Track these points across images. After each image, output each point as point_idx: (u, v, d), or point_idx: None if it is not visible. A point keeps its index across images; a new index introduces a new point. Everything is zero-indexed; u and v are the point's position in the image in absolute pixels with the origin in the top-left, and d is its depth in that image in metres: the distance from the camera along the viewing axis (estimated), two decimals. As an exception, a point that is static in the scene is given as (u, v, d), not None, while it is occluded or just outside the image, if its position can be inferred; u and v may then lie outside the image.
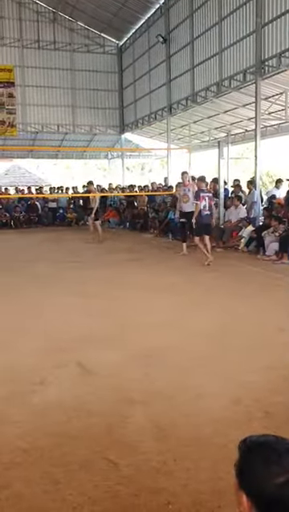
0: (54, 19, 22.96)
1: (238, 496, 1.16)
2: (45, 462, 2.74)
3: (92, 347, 4.72)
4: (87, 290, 7.54)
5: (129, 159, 30.01)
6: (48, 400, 3.54)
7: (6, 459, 2.78)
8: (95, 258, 10.90)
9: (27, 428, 3.13)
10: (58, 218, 21.34)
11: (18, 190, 22.33)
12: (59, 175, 36.92)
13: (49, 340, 4.98)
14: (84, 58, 23.64)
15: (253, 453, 1.17)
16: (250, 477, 1.14)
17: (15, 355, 4.57)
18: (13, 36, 22.40)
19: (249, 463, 1.16)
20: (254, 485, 1.13)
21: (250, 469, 1.15)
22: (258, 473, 1.13)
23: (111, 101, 24.54)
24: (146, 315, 5.94)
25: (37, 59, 22.91)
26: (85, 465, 2.70)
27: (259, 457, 1.15)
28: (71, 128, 24.22)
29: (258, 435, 1.22)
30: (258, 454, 1.16)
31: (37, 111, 23.32)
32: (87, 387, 3.77)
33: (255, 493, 1.12)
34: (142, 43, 21.50)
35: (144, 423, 3.16)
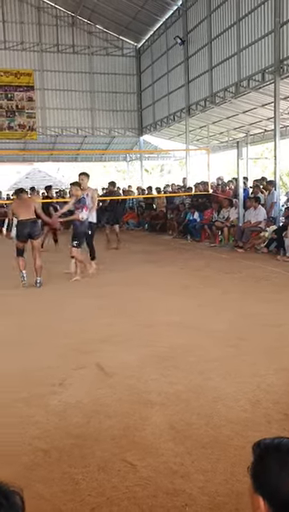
0: (73, 23, 23.16)
1: (253, 499, 1.16)
2: (64, 463, 2.78)
3: (110, 349, 4.76)
4: (105, 291, 7.58)
5: (148, 161, 30.08)
6: (67, 402, 3.58)
7: (27, 459, 2.82)
8: (113, 260, 10.96)
9: (47, 429, 3.18)
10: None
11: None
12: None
13: (68, 341, 5.03)
14: (103, 61, 23.79)
15: (267, 456, 1.17)
16: (265, 481, 1.14)
17: (35, 356, 4.63)
18: (32, 40, 22.68)
19: (264, 466, 1.16)
20: (270, 489, 1.13)
21: (265, 473, 1.15)
22: (274, 476, 1.13)
23: (130, 103, 24.64)
24: (163, 316, 5.96)
25: (56, 63, 23.14)
26: (104, 467, 2.72)
27: (274, 460, 1.15)
28: (90, 131, 24.38)
29: (271, 438, 1.22)
30: (273, 457, 1.16)
31: (56, 114, 23.54)
32: (106, 388, 3.80)
33: (271, 497, 1.12)
34: (160, 45, 21.54)
35: (162, 424, 3.18)
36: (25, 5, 22.43)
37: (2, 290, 7.82)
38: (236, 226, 12.59)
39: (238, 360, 4.35)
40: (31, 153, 25.35)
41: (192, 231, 14.57)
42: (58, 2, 22.63)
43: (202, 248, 12.83)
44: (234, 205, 13.21)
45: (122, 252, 12.34)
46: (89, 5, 21.82)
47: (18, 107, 22.55)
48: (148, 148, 26.27)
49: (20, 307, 6.72)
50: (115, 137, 25.64)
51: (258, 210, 12.24)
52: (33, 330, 5.56)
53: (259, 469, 1.17)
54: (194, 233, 14.47)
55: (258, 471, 1.17)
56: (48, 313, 6.37)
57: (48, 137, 24.18)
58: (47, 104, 23.27)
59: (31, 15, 22.57)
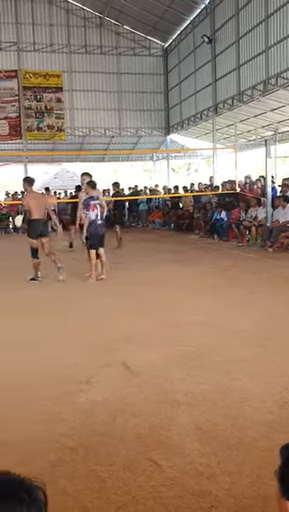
0: (101, 24, 23.30)
1: (281, 503, 1.14)
2: (90, 461, 2.79)
3: (136, 347, 4.77)
4: (130, 290, 7.60)
5: (175, 160, 30.03)
6: (94, 400, 3.60)
7: (54, 456, 2.85)
8: (138, 259, 10.98)
9: (74, 427, 3.20)
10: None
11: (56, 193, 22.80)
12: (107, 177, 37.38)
13: (94, 340, 5.07)
14: (130, 61, 23.86)
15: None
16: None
17: (62, 354, 4.68)
18: (61, 42, 22.92)
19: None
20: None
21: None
22: None
23: (157, 103, 24.64)
24: (189, 316, 5.94)
25: (84, 64, 23.33)
26: (129, 465, 2.73)
27: None
28: (118, 131, 24.50)
29: None
30: None
31: (84, 115, 23.74)
32: (132, 387, 3.81)
33: None
34: (187, 44, 21.47)
35: (188, 425, 3.16)
36: (54, 7, 22.69)
37: (26, 290, 7.93)
38: (264, 226, 12.44)
39: (265, 361, 4.30)
40: (60, 154, 25.64)
41: (219, 230, 14.47)
42: (86, 4, 22.81)
43: (229, 247, 12.73)
44: (261, 204, 13.06)
45: (148, 251, 12.35)
46: (116, 5, 21.92)
47: (46, 108, 22.83)
48: (174, 147, 26.21)
49: (46, 307, 6.80)
50: (142, 137, 25.69)
51: (286, 209, 12.07)
52: (59, 329, 5.62)
53: (287, 473, 1.14)
54: (221, 232, 14.37)
55: (286, 474, 1.14)
56: (74, 311, 6.43)
57: (76, 138, 24.42)
58: (75, 105, 23.48)
59: (60, 17, 22.82)
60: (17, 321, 5.96)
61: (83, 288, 7.89)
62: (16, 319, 6.03)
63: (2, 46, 22.27)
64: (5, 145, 23.82)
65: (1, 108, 22.30)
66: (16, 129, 22.58)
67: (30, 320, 6.00)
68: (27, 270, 8.69)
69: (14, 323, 5.89)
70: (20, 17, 22.28)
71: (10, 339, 5.20)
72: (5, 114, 22.37)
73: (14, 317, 6.16)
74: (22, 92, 22.41)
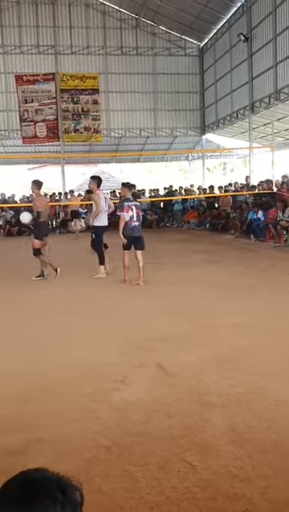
0: (137, 25, 23.40)
1: None
2: (125, 460, 2.81)
3: (171, 348, 4.77)
4: (166, 290, 7.60)
5: (210, 159, 29.84)
6: (129, 399, 3.63)
7: (89, 455, 2.89)
8: (174, 259, 10.95)
9: (108, 426, 3.23)
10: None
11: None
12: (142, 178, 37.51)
13: (129, 339, 5.10)
14: (166, 62, 23.85)
15: None
16: None
17: (98, 352, 4.73)
18: (97, 44, 23.15)
19: None
20: None
21: None
22: None
23: (193, 103, 24.55)
24: (225, 317, 5.89)
25: (120, 65, 23.49)
26: (163, 466, 2.74)
27: None
28: (153, 131, 24.55)
29: None
30: None
31: (120, 116, 23.90)
32: (166, 388, 3.82)
33: None
34: (223, 43, 21.30)
35: (223, 427, 3.14)
36: (91, 10, 22.95)
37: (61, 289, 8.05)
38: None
39: (302, 364, 4.22)
40: (96, 155, 25.90)
41: (255, 230, 14.28)
42: (122, 6, 22.96)
43: (266, 248, 12.54)
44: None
45: (183, 251, 12.31)
46: (152, 6, 21.96)
47: (83, 110, 23.12)
48: (210, 146, 26.05)
49: (83, 306, 6.88)
50: (177, 137, 25.66)
51: None
52: (96, 327, 5.68)
53: None
54: (258, 232, 14.17)
55: None
56: (110, 311, 6.48)
57: (112, 139, 24.61)
58: (111, 106, 23.67)
59: (97, 20, 23.05)
60: (56, 320, 6.06)
61: (120, 288, 7.94)
62: (55, 318, 6.14)
63: (40, 49, 22.70)
64: (43, 147, 24.27)
65: (39, 111, 22.72)
66: (53, 131, 22.95)
67: (68, 319, 6.09)
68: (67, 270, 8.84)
69: (53, 321, 5.99)
70: (57, 20, 22.65)
71: (49, 337, 5.31)
72: (43, 116, 22.78)
73: (53, 316, 6.27)
74: (60, 95, 22.76)
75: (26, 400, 3.66)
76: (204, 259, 10.81)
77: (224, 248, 12.96)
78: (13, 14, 22.32)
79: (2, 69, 22.53)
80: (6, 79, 22.55)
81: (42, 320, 6.10)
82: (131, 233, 8.27)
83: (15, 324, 5.95)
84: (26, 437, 3.08)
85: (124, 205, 8.22)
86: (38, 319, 6.16)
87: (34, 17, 22.52)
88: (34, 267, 9.19)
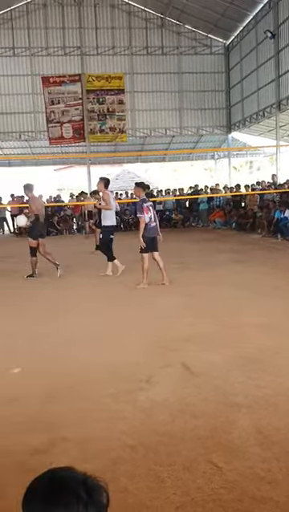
0: (162, 25, 23.38)
1: None
2: (150, 460, 2.81)
3: (197, 348, 4.74)
4: (191, 290, 7.57)
5: (236, 158, 29.59)
6: (154, 399, 3.62)
7: (115, 454, 2.89)
8: (199, 259, 10.89)
9: (134, 425, 3.24)
10: (164, 220, 21.66)
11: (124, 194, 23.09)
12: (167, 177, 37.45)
13: (153, 339, 5.10)
14: (191, 61, 23.76)
15: None
16: None
17: (123, 352, 4.74)
18: (123, 45, 23.23)
19: None
20: None
21: None
22: None
23: (218, 101, 24.39)
24: (251, 317, 5.83)
25: (145, 65, 23.51)
26: (189, 466, 2.72)
27: None
28: (178, 131, 24.49)
29: None
30: None
31: (145, 116, 23.93)
32: (192, 388, 3.80)
33: None
34: (249, 41, 21.09)
35: (249, 428, 3.11)
36: (116, 10, 23.04)
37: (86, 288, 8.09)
38: None
39: None
40: (121, 155, 26.00)
41: (282, 230, 14.08)
42: (147, 5, 22.97)
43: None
44: None
45: (209, 251, 12.24)
46: (178, 5, 21.91)
47: (109, 111, 23.23)
48: (236, 145, 25.84)
49: (108, 305, 6.91)
50: (203, 136, 25.53)
51: None
52: (121, 327, 5.70)
53: None
54: (285, 231, 13.98)
55: None
56: (135, 310, 6.49)
57: (137, 139, 24.66)
58: (137, 106, 23.72)
59: (122, 20, 23.13)
60: (80, 319, 6.11)
61: (143, 288, 7.94)
62: (79, 317, 6.19)
63: (66, 51, 22.91)
64: (69, 148, 24.50)
65: (65, 112, 22.94)
66: (79, 132, 23.13)
67: (92, 318, 6.13)
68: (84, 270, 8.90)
69: (77, 320, 6.04)
70: (83, 22, 22.82)
71: (74, 337, 5.35)
72: (69, 117, 22.99)
73: (77, 315, 6.32)
74: (86, 96, 22.92)
75: (51, 399, 3.69)
76: (230, 259, 10.72)
77: (250, 248, 12.83)
78: (39, 16, 22.60)
79: (29, 71, 22.83)
80: (33, 81, 22.84)
81: (66, 319, 6.15)
82: (151, 234, 8.11)
83: (39, 323, 6.02)
84: (51, 437, 3.11)
85: (143, 207, 7.96)
86: (61, 318, 6.21)
87: (60, 19, 22.74)
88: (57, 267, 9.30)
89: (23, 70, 22.86)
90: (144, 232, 7.94)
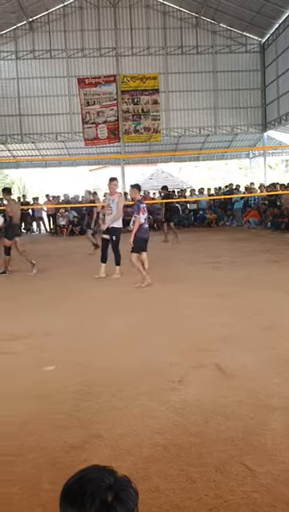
0: (197, 24, 23.27)
1: None
2: (182, 460, 2.80)
3: (230, 349, 4.70)
4: (225, 290, 7.50)
5: (272, 157, 29.16)
6: (186, 399, 3.61)
7: (147, 453, 2.90)
8: (234, 259, 10.78)
9: (166, 425, 3.24)
10: (197, 219, 21.58)
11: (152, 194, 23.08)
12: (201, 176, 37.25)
13: (189, 339, 5.08)
14: (226, 59, 23.57)
15: None
16: None
17: (156, 351, 4.75)
18: (158, 45, 23.25)
19: None
20: None
21: None
22: None
23: (253, 100, 24.09)
24: (285, 318, 5.73)
25: (180, 65, 23.46)
26: (221, 468, 2.70)
27: None
28: (213, 130, 24.32)
29: None
30: None
31: (180, 115, 23.88)
32: (225, 389, 3.77)
33: None
34: (285, 38, 20.72)
35: (284, 431, 3.06)
36: (151, 11, 23.09)
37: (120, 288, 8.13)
38: None
39: None
40: (155, 155, 26.04)
41: None
42: (182, 5, 22.91)
43: None
44: None
45: (243, 251, 12.10)
46: (213, 4, 21.75)
47: (143, 111, 23.29)
48: (271, 143, 25.46)
49: (141, 305, 6.93)
50: (237, 134, 25.27)
51: None
52: (156, 326, 5.71)
53: None
54: None
55: None
56: (168, 310, 6.48)
57: (171, 138, 24.64)
58: (171, 106, 23.70)
59: (157, 20, 23.16)
60: (114, 317, 6.15)
61: (175, 288, 7.93)
62: (114, 316, 6.23)
63: (101, 52, 23.11)
64: (103, 148, 24.70)
65: (100, 113, 23.15)
66: (114, 132, 23.29)
67: (126, 317, 6.16)
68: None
69: (112, 319, 6.08)
70: (119, 23, 22.96)
71: (109, 334, 5.41)
72: (104, 118, 23.19)
73: (112, 314, 6.37)
74: (120, 96, 23.06)
75: (85, 397, 3.73)
76: (265, 259, 10.57)
77: (286, 247, 12.61)
78: (76, 19, 22.88)
79: (65, 73, 23.16)
80: (69, 83, 23.16)
81: (102, 318, 6.21)
82: (145, 235, 8.25)
83: (77, 321, 6.09)
84: (85, 433, 3.15)
85: (140, 207, 8.12)
86: (94, 317, 6.27)
87: (95, 20, 22.96)
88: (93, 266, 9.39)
89: (60, 72, 23.21)
90: (138, 232, 8.09)
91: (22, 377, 4.23)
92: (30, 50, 22.95)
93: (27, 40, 22.95)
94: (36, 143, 24.58)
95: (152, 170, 29.83)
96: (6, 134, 23.53)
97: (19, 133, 23.59)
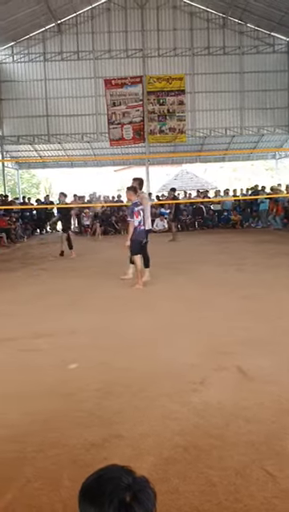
0: (224, 24, 23.13)
1: None
2: (202, 463, 2.80)
3: (253, 352, 4.66)
4: (250, 293, 7.43)
5: (299, 158, 28.76)
6: (207, 401, 3.60)
7: (167, 454, 2.91)
8: (260, 261, 10.67)
9: (186, 427, 3.24)
10: (222, 220, 21.45)
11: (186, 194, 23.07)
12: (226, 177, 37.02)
13: (210, 341, 5.06)
14: (253, 60, 23.36)
15: None
16: None
17: (177, 352, 4.75)
18: (184, 46, 23.20)
19: None
20: None
21: None
22: None
23: (280, 100, 23.79)
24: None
25: (206, 66, 23.36)
26: (241, 472, 2.69)
27: None
28: (239, 131, 24.14)
29: None
30: None
31: (205, 116, 23.79)
32: (246, 392, 3.74)
33: None
34: (315, 37, 20.41)
35: (306, 437, 3.02)
36: (178, 12, 23.05)
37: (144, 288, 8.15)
38: None
39: None
40: (180, 155, 25.99)
41: None
42: (209, 6, 22.81)
43: None
44: None
45: (268, 253, 11.97)
46: (241, 4, 21.58)
47: (169, 111, 23.28)
48: (299, 145, 25.12)
49: (162, 305, 6.93)
50: (264, 135, 25.02)
51: None
52: (177, 328, 5.70)
53: None
54: None
55: None
56: (190, 311, 6.47)
57: (196, 139, 24.55)
58: (197, 107, 23.63)
59: (184, 21, 23.10)
60: (136, 318, 6.17)
61: (203, 290, 7.90)
62: (135, 316, 6.26)
63: (128, 53, 23.19)
64: (128, 149, 24.78)
65: (126, 113, 23.23)
66: (139, 133, 23.35)
67: (147, 318, 6.18)
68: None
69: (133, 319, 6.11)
70: (146, 24, 23.00)
71: (131, 334, 5.44)
72: (129, 119, 23.26)
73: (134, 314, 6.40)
74: (146, 97, 23.10)
75: (106, 395, 3.76)
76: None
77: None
78: (103, 20, 23.02)
79: (92, 74, 23.32)
80: (95, 84, 23.31)
81: (124, 317, 6.24)
82: (139, 237, 8.24)
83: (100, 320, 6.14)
84: (105, 432, 3.18)
85: (134, 211, 8.10)
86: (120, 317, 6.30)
87: (123, 22, 23.05)
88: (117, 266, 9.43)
89: (87, 73, 23.38)
90: (133, 236, 8.13)
91: (47, 375, 4.30)
92: (58, 51, 23.19)
93: (55, 42, 23.20)
94: (62, 143, 24.82)
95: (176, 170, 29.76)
96: (34, 134, 23.82)
97: (46, 134, 23.85)
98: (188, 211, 21.38)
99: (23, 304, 7.32)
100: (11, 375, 4.35)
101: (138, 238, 8.24)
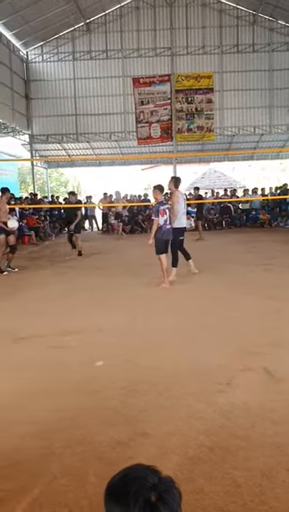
0: (254, 21, 22.86)
1: None
2: (227, 463, 2.79)
3: (280, 353, 4.62)
4: (276, 293, 7.35)
5: None
6: (234, 402, 3.59)
7: (192, 453, 2.91)
8: (285, 261, 10.50)
9: (212, 427, 3.23)
10: (250, 220, 21.24)
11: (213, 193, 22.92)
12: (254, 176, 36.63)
13: (238, 342, 5.03)
14: (283, 57, 23.00)
15: None
16: None
17: (204, 352, 4.74)
18: (213, 44, 23.03)
19: None
20: None
21: None
22: None
23: (311, 98, 23.38)
24: None
25: (235, 64, 23.13)
26: (267, 474, 2.67)
27: None
28: (268, 129, 23.84)
29: None
30: None
31: (234, 114, 23.57)
32: (273, 394, 3.71)
33: None
34: None
35: None
36: (207, 9, 22.89)
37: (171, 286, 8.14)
38: None
39: None
40: (207, 154, 25.83)
41: None
42: (239, 3, 22.57)
43: None
44: None
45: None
46: (272, 1, 21.27)
47: (197, 110, 23.16)
48: None
49: (190, 305, 6.92)
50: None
51: None
52: (205, 328, 5.69)
53: None
54: None
55: None
56: (217, 311, 6.43)
57: (224, 137, 24.35)
58: (225, 105, 23.43)
59: (213, 19, 22.93)
60: (164, 317, 6.18)
61: (231, 289, 7.85)
62: (164, 316, 6.27)
63: (157, 52, 23.17)
64: (155, 147, 24.76)
65: (154, 112, 23.22)
66: (167, 132, 23.30)
67: (178, 317, 6.18)
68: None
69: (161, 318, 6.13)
70: (174, 22, 22.94)
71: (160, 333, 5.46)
72: (157, 117, 23.25)
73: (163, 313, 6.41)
74: (174, 95, 23.03)
75: (132, 394, 3.79)
76: None
77: None
78: (132, 19, 23.06)
79: (120, 73, 23.40)
80: (124, 83, 23.38)
81: (151, 316, 6.26)
82: (164, 236, 8.22)
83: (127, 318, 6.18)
84: (131, 430, 3.20)
85: (159, 210, 8.08)
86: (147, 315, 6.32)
87: (151, 20, 23.04)
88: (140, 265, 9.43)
89: (115, 72, 23.47)
90: (158, 234, 8.13)
91: (74, 371, 4.35)
92: (86, 50, 23.35)
93: (84, 41, 23.36)
94: (90, 142, 24.99)
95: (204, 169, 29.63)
96: (63, 133, 24.06)
97: (75, 133, 24.06)
98: (215, 210, 21.24)
99: (52, 302, 7.42)
100: (40, 371, 4.42)
101: (163, 238, 8.22)
